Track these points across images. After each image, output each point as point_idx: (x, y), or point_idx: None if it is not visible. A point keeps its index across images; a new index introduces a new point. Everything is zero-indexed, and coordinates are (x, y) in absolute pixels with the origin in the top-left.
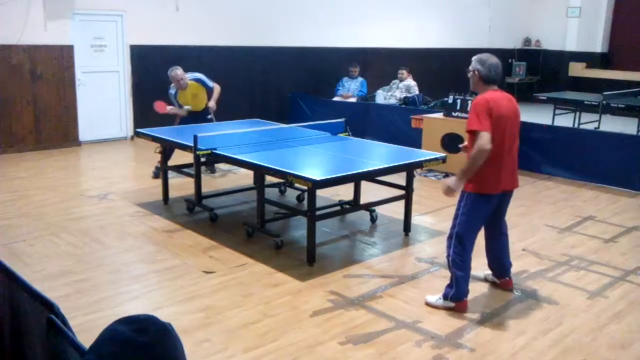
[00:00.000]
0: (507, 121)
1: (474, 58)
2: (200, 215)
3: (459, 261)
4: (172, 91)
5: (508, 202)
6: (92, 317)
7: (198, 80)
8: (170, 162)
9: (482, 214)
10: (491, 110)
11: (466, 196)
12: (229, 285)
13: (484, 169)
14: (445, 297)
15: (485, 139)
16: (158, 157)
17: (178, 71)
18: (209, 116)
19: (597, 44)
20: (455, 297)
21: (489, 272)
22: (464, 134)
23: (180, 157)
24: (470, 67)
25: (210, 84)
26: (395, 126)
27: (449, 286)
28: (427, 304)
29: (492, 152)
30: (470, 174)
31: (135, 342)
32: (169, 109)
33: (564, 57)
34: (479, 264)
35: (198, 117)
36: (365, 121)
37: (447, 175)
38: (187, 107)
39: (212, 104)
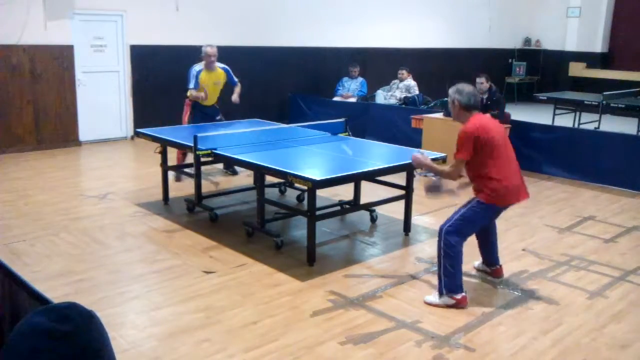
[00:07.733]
0: (500, 138)
1: (450, 90)
2: (200, 215)
3: (452, 254)
4: (196, 68)
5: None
6: None
7: (226, 70)
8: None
9: (487, 221)
10: (478, 139)
11: (478, 203)
12: (229, 285)
13: (502, 183)
14: (440, 292)
15: (459, 168)
16: (158, 157)
17: (215, 49)
18: (218, 117)
19: (597, 44)
20: (449, 289)
21: (479, 262)
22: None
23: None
24: (449, 99)
25: (235, 79)
26: (395, 126)
27: (439, 281)
28: (427, 304)
29: (500, 168)
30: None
31: (58, 332)
32: (192, 93)
33: (564, 57)
34: (473, 261)
35: (207, 115)
36: (365, 121)
37: None
38: (202, 94)
39: (236, 98)
